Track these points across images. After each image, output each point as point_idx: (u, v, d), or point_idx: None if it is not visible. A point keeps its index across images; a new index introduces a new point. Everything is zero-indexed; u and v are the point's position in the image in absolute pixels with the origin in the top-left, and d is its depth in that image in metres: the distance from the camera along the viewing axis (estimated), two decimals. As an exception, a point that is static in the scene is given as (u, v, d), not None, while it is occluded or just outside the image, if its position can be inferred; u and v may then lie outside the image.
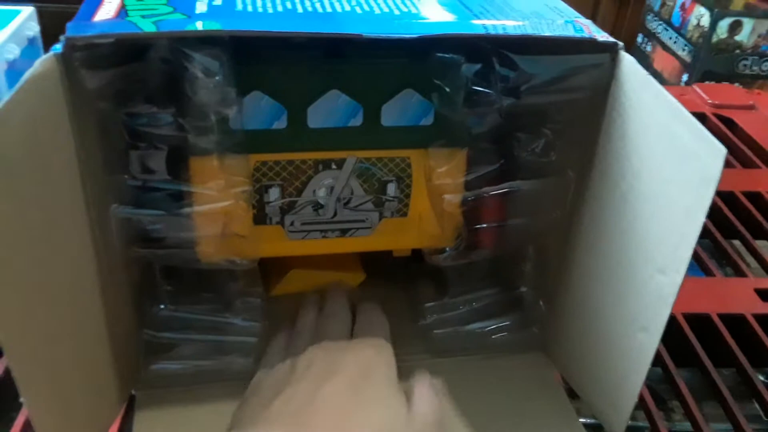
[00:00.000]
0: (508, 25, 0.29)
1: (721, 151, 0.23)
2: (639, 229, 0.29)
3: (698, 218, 0.25)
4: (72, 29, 0.25)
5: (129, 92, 0.28)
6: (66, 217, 0.26)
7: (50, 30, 0.61)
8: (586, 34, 0.29)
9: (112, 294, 0.30)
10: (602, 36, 0.29)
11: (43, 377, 0.25)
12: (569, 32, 0.29)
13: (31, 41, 0.60)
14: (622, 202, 0.30)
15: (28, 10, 0.60)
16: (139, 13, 0.27)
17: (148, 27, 0.26)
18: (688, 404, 0.38)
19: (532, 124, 0.33)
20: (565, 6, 0.33)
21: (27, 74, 0.23)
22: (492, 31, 0.28)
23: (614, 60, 0.29)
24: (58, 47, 0.24)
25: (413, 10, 0.30)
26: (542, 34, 0.29)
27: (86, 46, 0.25)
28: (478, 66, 0.30)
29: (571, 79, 0.30)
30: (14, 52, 0.56)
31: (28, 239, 0.23)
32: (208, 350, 0.34)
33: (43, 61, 0.24)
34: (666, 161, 0.27)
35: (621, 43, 0.29)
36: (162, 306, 0.34)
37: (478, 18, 0.30)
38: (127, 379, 0.33)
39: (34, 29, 0.61)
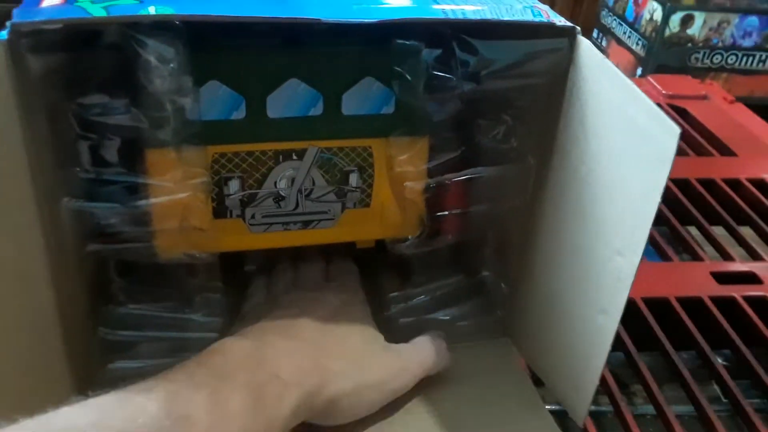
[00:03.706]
0: (468, 9, 0.29)
1: (676, 130, 0.24)
2: (598, 212, 0.29)
3: (654, 199, 0.25)
4: (18, 15, 0.24)
5: (80, 81, 0.27)
6: (14, 211, 0.25)
7: None
8: (544, 19, 0.29)
9: (66, 292, 0.29)
10: (560, 21, 0.29)
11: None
12: (528, 17, 0.29)
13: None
14: (582, 186, 0.30)
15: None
16: (88, -2, 0.26)
17: (97, 12, 0.25)
18: (650, 387, 0.39)
19: (492, 110, 0.33)
20: (523, -8, 0.33)
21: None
22: (452, 16, 0.28)
23: (572, 45, 0.29)
24: (3, 34, 0.23)
25: (372, -4, 0.30)
26: (502, 19, 0.29)
27: (33, 32, 0.24)
28: (439, 51, 0.30)
29: (530, 63, 0.30)
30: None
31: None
32: (166, 348, 0.33)
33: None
34: (623, 143, 0.27)
35: (578, 28, 0.29)
36: (117, 303, 0.33)
37: (438, 3, 0.30)
38: (84, 381, 0.32)
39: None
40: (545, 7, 0.30)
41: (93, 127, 0.29)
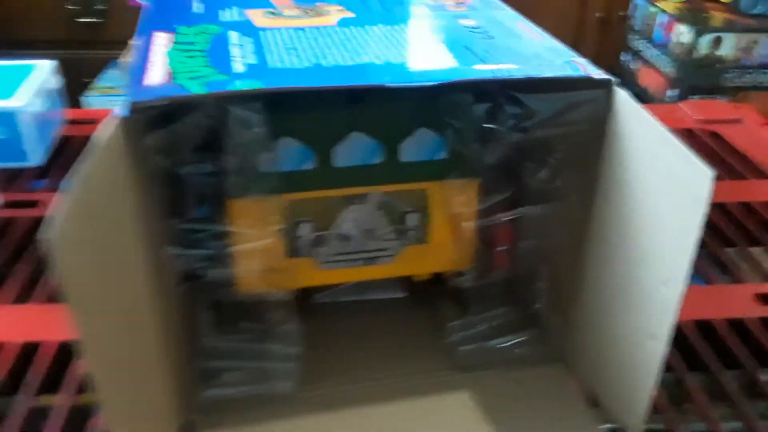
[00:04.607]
0: (513, 68, 0.32)
1: (709, 174, 0.26)
2: (642, 247, 0.32)
3: (693, 235, 0.28)
4: (132, 94, 0.28)
5: (178, 145, 0.31)
6: (133, 261, 0.29)
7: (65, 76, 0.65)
8: (582, 73, 0.33)
9: (169, 328, 0.33)
10: (597, 73, 0.33)
11: (123, 408, 0.28)
12: (568, 72, 0.33)
13: (53, 93, 0.64)
14: (625, 223, 0.33)
15: (51, 64, 0.64)
16: (186, 75, 0.30)
17: (197, 89, 0.29)
18: (701, 406, 0.41)
19: (538, 154, 0.36)
20: (561, 47, 0.36)
21: (96, 138, 0.26)
22: (499, 76, 0.32)
23: (609, 94, 0.32)
24: (125, 111, 0.28)
25: (426, 59, 0.34)
26: (544, 76, 0.32)
27: (144, 108, 0.28)
28: (487, 105, 0.34)
29: (571, 113, 0.33)
30: (39, 105, 0.60)
31: (107, 282, 0.26)
32: (252, 376, 0.37)
33: (109, 124, 0.27)
34: (660, 185, 0.30)
35: (615, 79, 0.32)
36: (210, 336, 0.36)
37: (485, 62, 0.33)
38: (185, 407, 0.35)
39: (56, 82, 0.65)
40: (583, 61, 0.34)
41: (189, 184, 0.33)
